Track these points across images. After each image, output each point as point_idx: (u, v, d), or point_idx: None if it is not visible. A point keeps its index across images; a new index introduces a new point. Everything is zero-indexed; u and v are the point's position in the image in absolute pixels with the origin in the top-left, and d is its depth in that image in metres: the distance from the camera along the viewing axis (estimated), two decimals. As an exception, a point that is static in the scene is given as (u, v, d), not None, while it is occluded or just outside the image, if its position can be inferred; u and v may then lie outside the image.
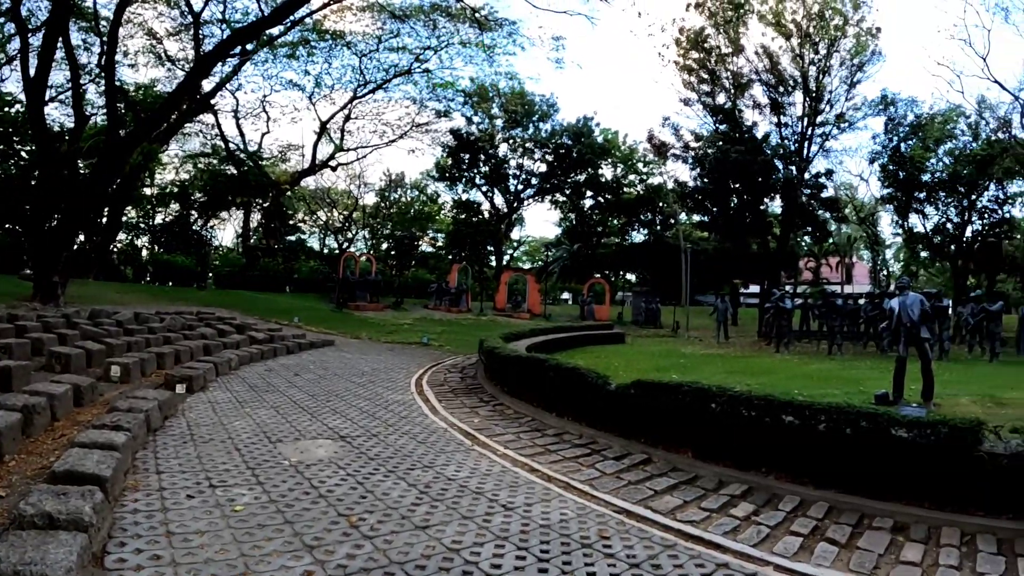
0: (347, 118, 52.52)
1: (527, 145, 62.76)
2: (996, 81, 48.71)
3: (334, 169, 57.56)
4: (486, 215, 66.19)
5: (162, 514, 6.03)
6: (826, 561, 6.07)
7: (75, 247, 27.16)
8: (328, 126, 52.07)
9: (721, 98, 46.80)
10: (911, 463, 7.39)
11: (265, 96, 52.13)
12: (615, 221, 69.22)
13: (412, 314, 39.56)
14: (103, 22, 31.19)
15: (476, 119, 59.55)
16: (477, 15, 37.55)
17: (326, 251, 67.48)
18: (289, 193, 59.54)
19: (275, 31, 35.91)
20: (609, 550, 5.94)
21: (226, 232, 76.73)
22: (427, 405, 13.08)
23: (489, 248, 67.47)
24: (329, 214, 70.93)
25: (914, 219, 50.74)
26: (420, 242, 72.95)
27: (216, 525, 5.86)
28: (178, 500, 6.45)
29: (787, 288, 52.05)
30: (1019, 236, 55.47)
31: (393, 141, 55.84)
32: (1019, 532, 6.59)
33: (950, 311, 28.15)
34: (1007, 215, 49.07)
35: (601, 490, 7.89)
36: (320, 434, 9.84)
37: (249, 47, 34.68)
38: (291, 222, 64.62)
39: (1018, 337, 27.89)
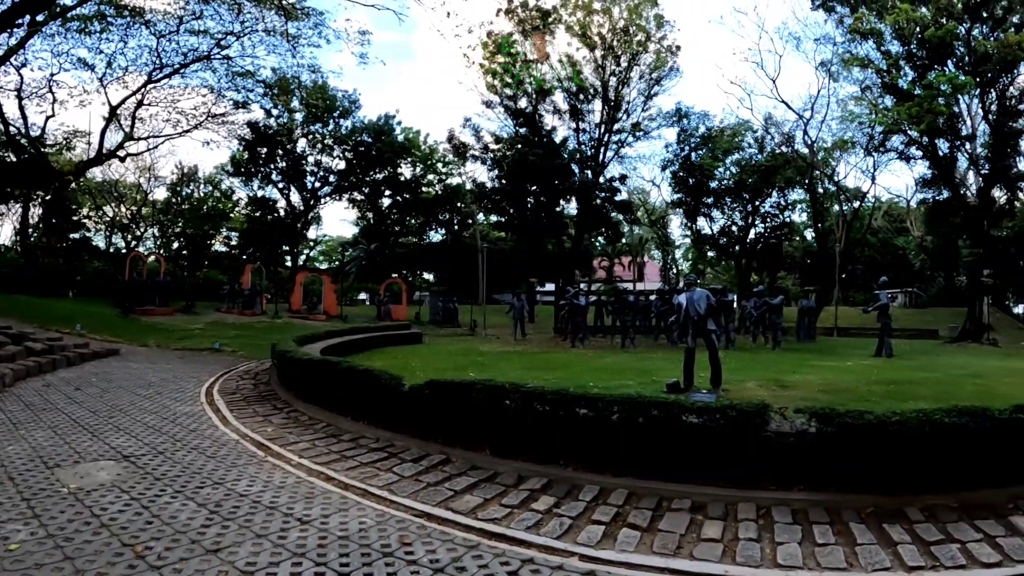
0: (139, 104, 48.60)
1: (327, 141, 61.41)
2: (783, 101, 52.57)
3: (123, 160, 53.56)
4: (282, 213, 64.13)
5: (-69, 562, 5.19)
6: (630, 546, 6.05)
7: None
8: (118, 112, 48.11)
9: (523, 102, 47.22)
10: (704, 446, 7.55)
11: (53, 75, 47.25)
12: (413, 221, 68.94)
13: (204, 318, 37.52)
14: None
15: (276, 112, 57.17)
16: (284, 2, 36.13)
17: (113, 250, 63.26)
18: (74, 185, 55.04)
19: (69, 1, 33.02)
20: (411, 556, 5.66)
21: (3, 228, 70.26)
22: (218, 416, 12.20)
23: (285, 248, 65.45)
24: (117, 210, 66.62)
25: (702, 222, 53.61)
26: (214, 241, 69.86)
27: (-10, 571, 5.08)
28: (-53, 544, 5.58)
29: (582, 286, 53.49)
30: (797, 238, 60.20)
31: (187, 131, 52.21)
32: (811, 502, 6.93)
33: (735, 305, 29.74)
34: (787, 220, 53.11)
35: (400, 494, 7.56)
36: (102, 455, 8.88)
37: (39, 18, 31.77)
38: (75, 218, 59.84)
39: (798, 327, 31.00)
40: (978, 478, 7.13)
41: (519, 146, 44.01)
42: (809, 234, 64.05)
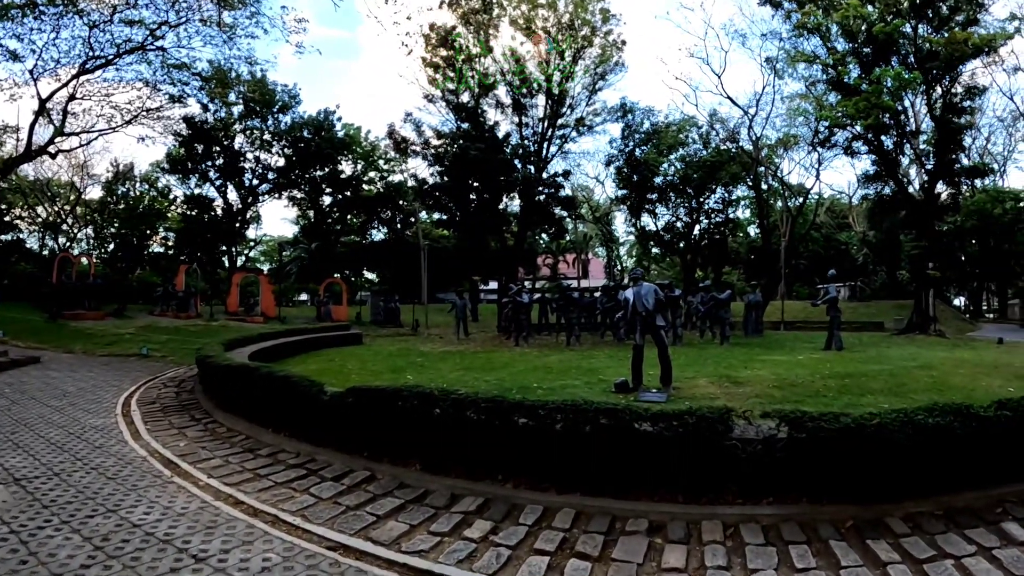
0: (71, 97, 45.95)
1: (265, 137, 59.75)
2: (729, 97, 53.04)
3: (54, 156, 51.02)
4: (219, 212, 62.28)
5: None
6: (579, 582, 5.23)
7: None
8: (49, 105, 45.80)
9: (465, 96, 46.68)
10: (661, 457, 6.75)
11: (-16, 67, 45.27)
12: (355, 219, 67.78)
13: (136, 322, 35.78)
14: None
15: (212, 107, 55.16)
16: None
17: (47, 253, 60.74)
18: (3, 184, 52.52)
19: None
20: (318, 606, 4.78)
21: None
22: (130, 429, 11.12)
23: (223, 248, 63.65)
24: (50, 209, 64.17)
25: (646, 219, 53.64)
26: (151, 242, 67.67)
27: None
28: None
29: (526, 283, 52.98)
30: (741, 234, 60.63)
31: (120, 126, 49.68)
32: (783, 517, 6.20)
33: (681, 300, 29.30)
34: (731, 216, 53.73)
35: (315, 521, 6.66)
36: (-7, 478, 7.91)
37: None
38: (7, 219, 57.25)
39: (745, 321, 30.94)
40: (959, 480, 6.57)
41: (461, 141, 43.21)
42: (753, 230, 65.05)
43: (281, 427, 10.26)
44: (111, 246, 66.02)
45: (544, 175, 46.14)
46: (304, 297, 71.90)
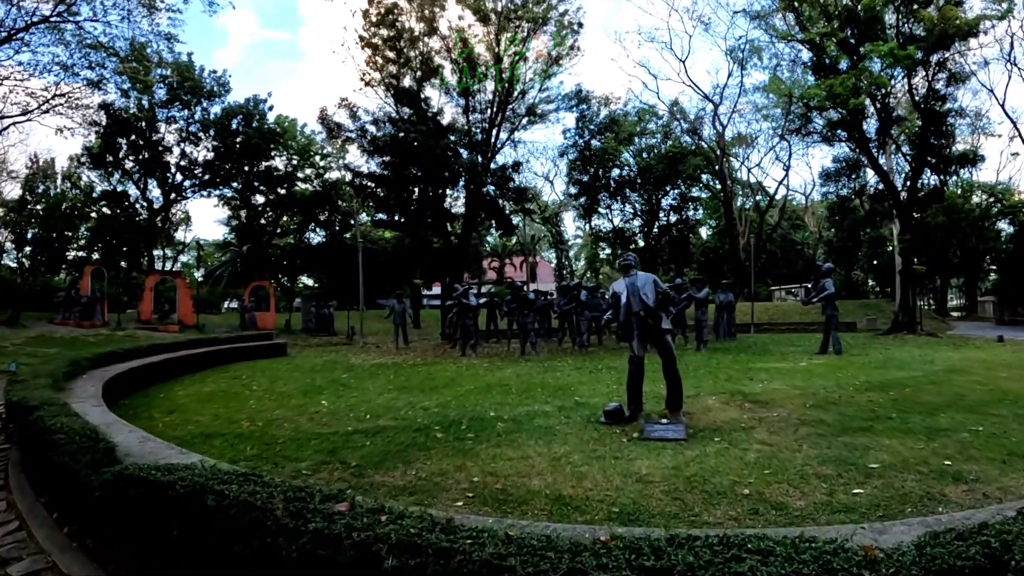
0: None
1: (192, 128, 55.51)
2: (693, 84, 51.53)
3: (-41, 146, 47.04)
4: (141, 210, 57.80)
5: None
6: None
7: None
8: None
9: (408, 80, 43.44)
10: None
11: None
12: (291, 220, 64.41)
13: (30, 331, 31.52)
14: None
15: (133, 94, 50.90)
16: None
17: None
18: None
19: None
20: None
21: None
22: None
23: (143, 249, 59.22)
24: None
25: (598, 220, 51.93)
26: (73, 245, 63.23)
27: None
28: None
29: (471, 286, 50.15)
30: (694, 237, 59.68)
31: (34, 111, 45.50)
32: None
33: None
34: (689, 215, 53.31)
35: None
36: None
37: None
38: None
39: (716, 324, 28.75)
40: None
41: (401, 127, 39.86)
42: (705, 231, 65.96)
43: (65, 516, 5.79)
44: (28, 249, 62.30)
45: (492, 165, 42.98)
46: (235, 304, 68.08)
